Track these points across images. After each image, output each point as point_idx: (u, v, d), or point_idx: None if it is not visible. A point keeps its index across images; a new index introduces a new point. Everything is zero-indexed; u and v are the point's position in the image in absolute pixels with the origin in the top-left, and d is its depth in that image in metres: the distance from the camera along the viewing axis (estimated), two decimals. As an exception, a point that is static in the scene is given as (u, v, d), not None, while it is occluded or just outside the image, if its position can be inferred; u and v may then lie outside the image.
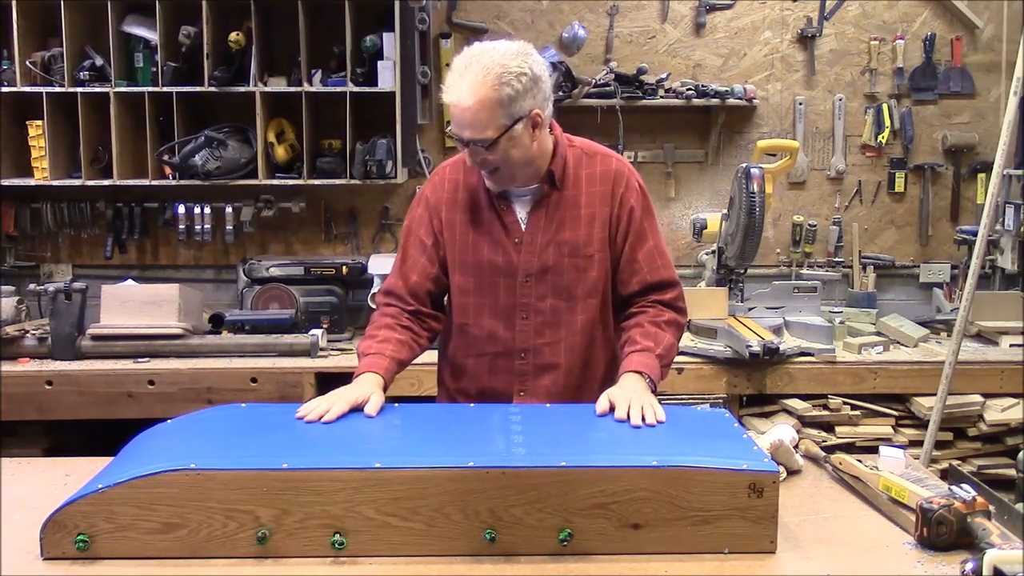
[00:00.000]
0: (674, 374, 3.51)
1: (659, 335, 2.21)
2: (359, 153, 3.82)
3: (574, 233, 2.22)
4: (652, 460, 1.70)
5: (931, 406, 3.42)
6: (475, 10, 4.15)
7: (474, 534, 1.68)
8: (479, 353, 2.28)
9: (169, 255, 4.23)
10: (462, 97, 2.05)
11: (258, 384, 3.44)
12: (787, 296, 3.86)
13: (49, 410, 3.42)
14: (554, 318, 2.24)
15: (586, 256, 2.23)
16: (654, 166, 4.23)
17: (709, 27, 4.18)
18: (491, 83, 2.04)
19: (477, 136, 2.08)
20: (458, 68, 2.07)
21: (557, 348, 2.25)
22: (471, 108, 2.05)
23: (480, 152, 2.10)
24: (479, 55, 2.07)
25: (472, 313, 2.27)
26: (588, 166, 2.26)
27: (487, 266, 2.24)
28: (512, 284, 2.23)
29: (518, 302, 2.23)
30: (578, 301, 2.24)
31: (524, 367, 2.25)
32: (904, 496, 1.87)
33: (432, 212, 2.29)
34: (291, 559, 1.67)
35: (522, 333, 2.24)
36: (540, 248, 2.22)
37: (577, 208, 2.23)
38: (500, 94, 2.05)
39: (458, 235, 2.26)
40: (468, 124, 2.07)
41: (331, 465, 1.68)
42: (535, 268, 2.22)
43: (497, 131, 2.07)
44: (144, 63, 3.89)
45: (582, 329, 2.25)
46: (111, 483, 1.67)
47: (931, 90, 4.19)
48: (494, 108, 2.05)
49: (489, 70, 2.04)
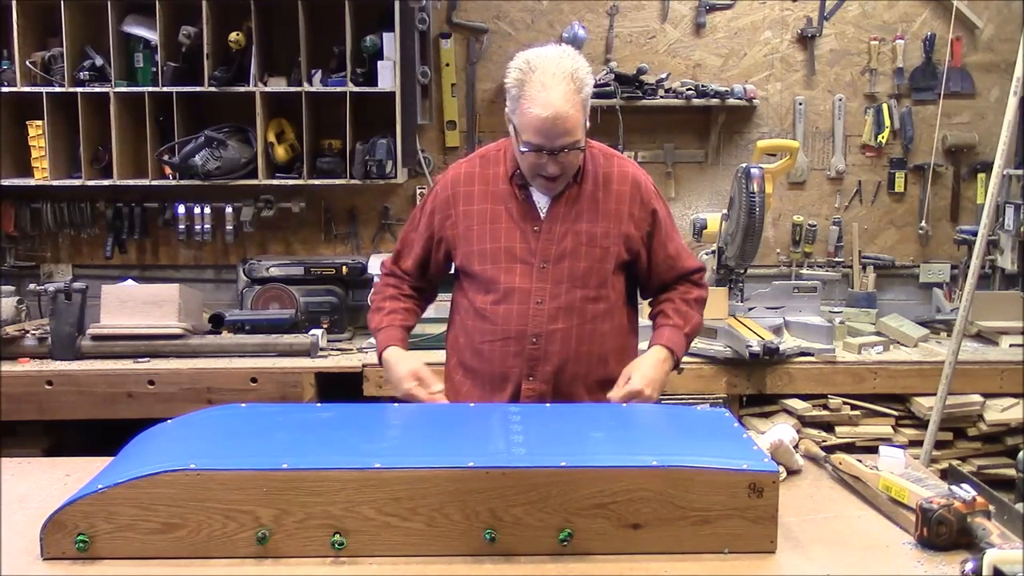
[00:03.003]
0: (674, 374, 3.50)
1: (688, 314, 2.42)
2: (359, 153, 3.82)
3: (592, 225, 2.30)
4: (652, 460, 1.70)
5: (931, 406, 3.42)
6: (475, 10, 4.15)
7: (474, 534, 1.68)
8: (492, 338, 2.32)
9: (169, 255, 4.23)
10: (560, 107, 2.12)
11: (258, 384, 3.44)
12: (787, 296, 3.86)
13: (49, 410, 3.42)
14: (568, 305, 2.29)
15: (603, 247, 2.31)
16: (654, 166, 4.23)
17: (709, 27, 4.18)
18: (576, 88, 2.15)
19: (571, 141, 2.17)
20: (539, 80, 2.13)
21: (569, 335, 2.30)
22: (570, 116, 2.13)
23: (565, 157, 2.19)
24: (551, 63, 2.15)
25: (488, 298, 2.31)
26: (606, 166, 2.36)
27: (504, 252, 2.30)
28: (529, 270, 2.29)
29: (534, 286, 2.29)
30: (592, 290, 2.31)
31: (535, 352, 2.29)
32: (904, 496, 1.87)
33: (439, 207, 2.39)
34: (291, 559, 1.67)
35: (536, 318, 2.29)
36: (559, 236, 2.30)
37: (596, 202, 2.32)
38: (583, 96, 2.17)
39: (475, 224, 2.33)
40: (566, 132, 2.14)
41: (331, 465, 1.68)
42: (552, 255, 2.29)
43: (583, 131, 2.19)
44: (144, 63, 3.89)
45: (594, 318, 2.31)
46: (111, 483, 1.67)
47: (931, 90, 4.19)
48: (581, 110, 2.17)
49: (572, 76, 2.15)
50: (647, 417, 2.14)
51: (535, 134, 2.15)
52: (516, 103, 2.18)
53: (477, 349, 2.35)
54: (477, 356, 2.35)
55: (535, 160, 2.20)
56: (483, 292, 2.32)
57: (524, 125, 2.16)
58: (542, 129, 2.14)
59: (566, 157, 2.20)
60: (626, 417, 2.09)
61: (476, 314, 2.34)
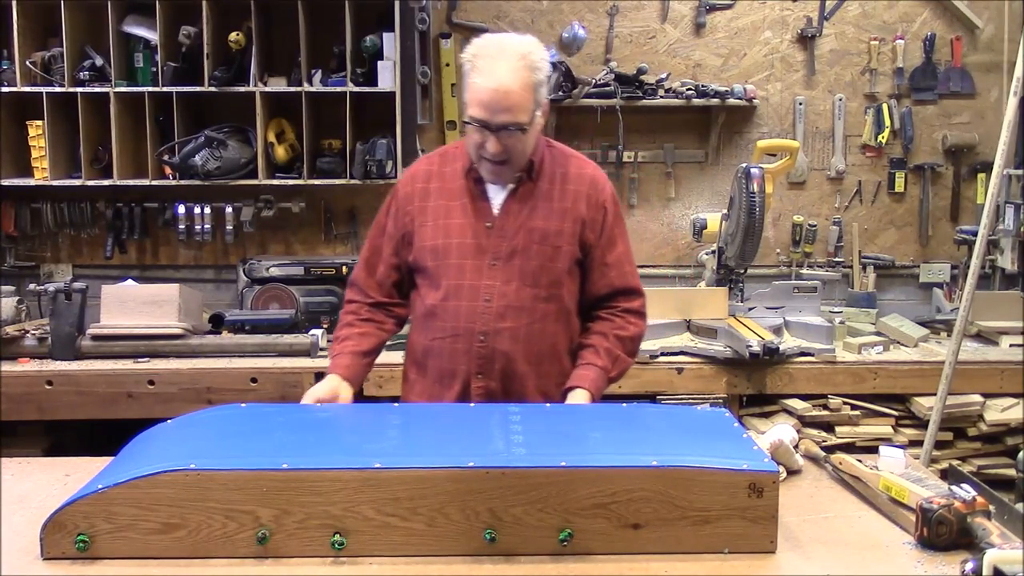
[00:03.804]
0: (674, 374, 3.51)
1: (619, 359, 2.32)
2: (359, 153, 3.82)
3: (546, 223, 2.26)
4: (652, 460, 1.70)
5: (931, 406, 3.42)
6: (475, 10, 4.15)
7: (474, 534, 1.68)
8: (442, 335, 2.28)
9: (169, 255, 4.23)
10: (503, 79, 2.09)
11: (258, 384, 3.43)
12: (787, 296, 3.86)
13: (49, 410, 3.42)
14: (518, 303, 2.25)
15: (555, 246, 2.26)
16: (654, 166, 4.23)
17: (709, 27, 4.18)
18: (527, 67, 2.11)
19: (514, 120, 2.12)
20: (489, 54, 2.11)
21: (517, 333, 2.25)
22: (514, 91, 2.10)
23: (507, 138, 2.14)
24: (505, 42, 2.15)
25: (438, 295, 2.27)
26: (563, 166, 2.32)
27: (456, 248, 2.26)
28: (479, 267, 2.25)
29: (483, 284, 2.25)
30: (543, 289, 2.26)
31: (483, 350, 2.25)
32: (904, 496, 1.87)
33: (400, 205, 2.35)
34: (291, 559, 1.67)
35: (484, 316, 2.24)
36: (511, 233, 2.26)
37: (551, 201, 2.28)
38: (535, 78, 2.13)
39: (430, 219, 2.29)
40: (507, 107, 2.10)
41: (331, 465, 1.68)
42: (504, 251, 2.25)
43: (528, 115, 2.14)
44: (144, 63, 3.89)
45: (545, 317, 2.27)
46: (111, 483, 1.67)
47: (931, 90, 4.19)
48: (529, 91, 2.12)
49: (524, 55, 2.12)
50: (647, 417, 2.14)
51: (478, 107, 2.11)
52: (467, 78, 2.15)
53: (427, 347, 2.31)
54: (427, 354, 2.32)
55: (479, 139, 2.16)
56: (434, 289, 2.28)
57: (470, 99, 2.13)
58: (485, 101, 2.10)
59: (508, 139, 2.14)
60: (625, 417, 2.08)
61: (427, 311, 2.30)
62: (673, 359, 3.56)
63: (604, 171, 2.41)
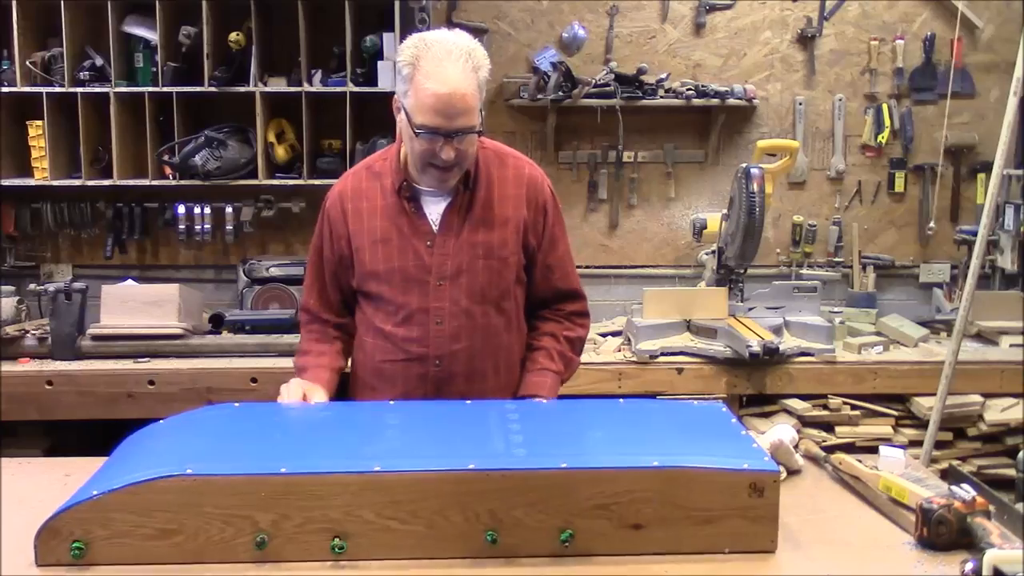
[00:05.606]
0: (674, 374, 3.52)
1: (571, 360, 2.33)
2: (359, 153, 3.82)
3: (488, 235, 2.17)
4: (653, 460, 1.70)
5: (931, 406, 3.42)
6: (475, 10, 4.15)
7: (475, 536, 1.68)
8: (394, 358, 2.22)
9: (169, 255, 4.23)
10: (456, 83, 1.98)
11: (258, 384, 3.43)
12: (787, 296, 3.86)
13: (49, 410, 3.42)
14: (469, 322, 2.18)
15: (501, 258, 2.18)
16: (654, 166, 4.23)
17: (709, 27, 4.18)
18: (474, 67, 2.01)
19: (469, 123, 2.03)
20: (434, 55, 1.99)
21: (472, 353, 2.19)
22: (468, 94, 2.00)
23: (460, 143, 2.04)
24: (448, 42, 2.02)
25: (387, 321, 2.20)
26: (500, 167, 2.22)
27: (399, 272, 2.17)
28: (425, 288, 2.17)
29: (431, 306, 2.17)
30: (492, 304, 2.20)
31: (440, 374, 2.19)
32: (904, 496, 1.87)
33: (333, 228, 2.26)
34: (291, 563, 1.66)
35: (437, 339, 2.17)
36: (454, 250, 2.17)
37: (491, 210, 2.18)
38: (480, 78, 2.04)
39: (367, 243, 2.19)
40: (463, 112, 2.00)
41: (330, 469, 1.66)
42: (449, 270, 2.16)
43: (479, 116, 2.05)
44: (144, 63, 3.89)
45: (498, 332, 2.22)
46: (106, 489, 1.64)
47: (931, 90, 4.19)
48: (478, 91, 2.04)
49: (469, 54, 2.01)
50: (645, 414, 2.11)
51: (432, 114, 1.98)
52: (408, 83, 2.00)
53: (378, 368, 2.24)
54: (378, 376, 2.25)
55: (429, 146, 2.03)
56: (382, 313, 2.21)
57: (419, 105, 1.99)
58: (438, 107, 1.97)
59: (461, 143, 2.03)
60: (624, 414, 2.06)
61: (376, 333, 2.23)
62: (673, 359, 3.56)
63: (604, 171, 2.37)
